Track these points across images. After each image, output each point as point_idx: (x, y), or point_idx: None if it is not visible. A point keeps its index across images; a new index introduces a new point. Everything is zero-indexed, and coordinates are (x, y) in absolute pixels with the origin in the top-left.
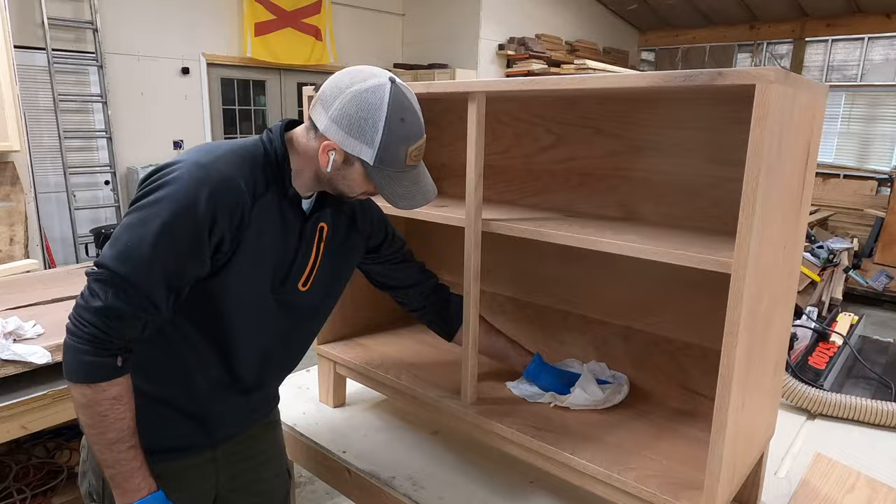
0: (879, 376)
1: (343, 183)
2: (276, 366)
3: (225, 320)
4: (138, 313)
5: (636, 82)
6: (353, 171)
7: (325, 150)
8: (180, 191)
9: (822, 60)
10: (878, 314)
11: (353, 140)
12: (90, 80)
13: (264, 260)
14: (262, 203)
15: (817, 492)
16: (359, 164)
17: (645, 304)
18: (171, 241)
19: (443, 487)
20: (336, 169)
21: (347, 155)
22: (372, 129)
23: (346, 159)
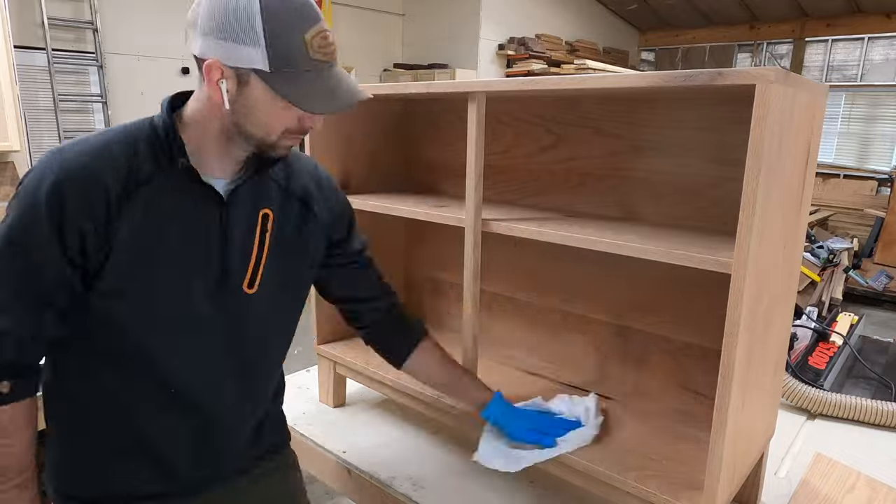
0: (879, 376)
1: (252, 120)
2: (234, 392)
3: (139, 336)
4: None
5: (636, 82)
6: (253, 92)
7: (211, 79)
8: (25, 189)
9: (822, 60)
10: (878, 314)
11: (233, 45)
12: (90, 80)
13: (170, 259)
14: (148, 191)
15: (817, 492)
16: (255, 79)
17: (645, 304)
18: (17, 249)
19: (443, 487)
20: (234, 101)
21: (238, 73)
22: (248, 21)
23: (240, 80)
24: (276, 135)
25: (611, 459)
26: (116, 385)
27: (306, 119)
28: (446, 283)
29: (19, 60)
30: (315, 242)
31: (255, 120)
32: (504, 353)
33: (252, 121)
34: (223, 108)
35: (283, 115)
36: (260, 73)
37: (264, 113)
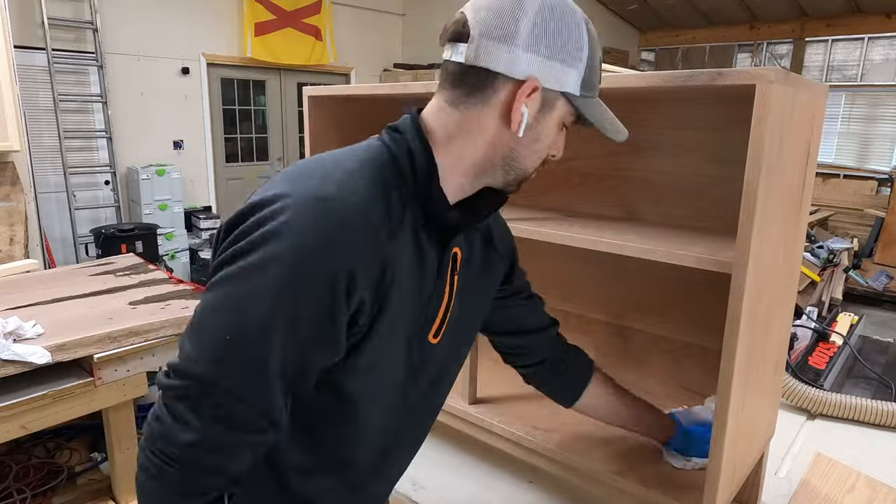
0: (879, 376)
1: (533, 149)
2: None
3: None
4: (247, 438)
5: (636, 82)
6: (550, 119)
7: (517, 100)
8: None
9: (822, 60)
10: (878, 314)
11: (559, 66)
12: (90, 80)
13: (402, 319)
14: (399, 238)
15: (817, 492)
16: (562, 103)
17: (645, 304)
18: (289, 325)
19: (443, 487)
20: (530, 127)
21: (545, 96)
22: (578, 41)
23: (544, 104)
24: (532, 169)
25: (611, 459)
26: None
27: (554, 150)
28: None
29: (19, 60)
30: (496, 278)
31: (537, 149)
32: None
33: (533, 149)
34: (504, 135)
35: (553, 142)
36: (569, 96)
37: (547, 142)
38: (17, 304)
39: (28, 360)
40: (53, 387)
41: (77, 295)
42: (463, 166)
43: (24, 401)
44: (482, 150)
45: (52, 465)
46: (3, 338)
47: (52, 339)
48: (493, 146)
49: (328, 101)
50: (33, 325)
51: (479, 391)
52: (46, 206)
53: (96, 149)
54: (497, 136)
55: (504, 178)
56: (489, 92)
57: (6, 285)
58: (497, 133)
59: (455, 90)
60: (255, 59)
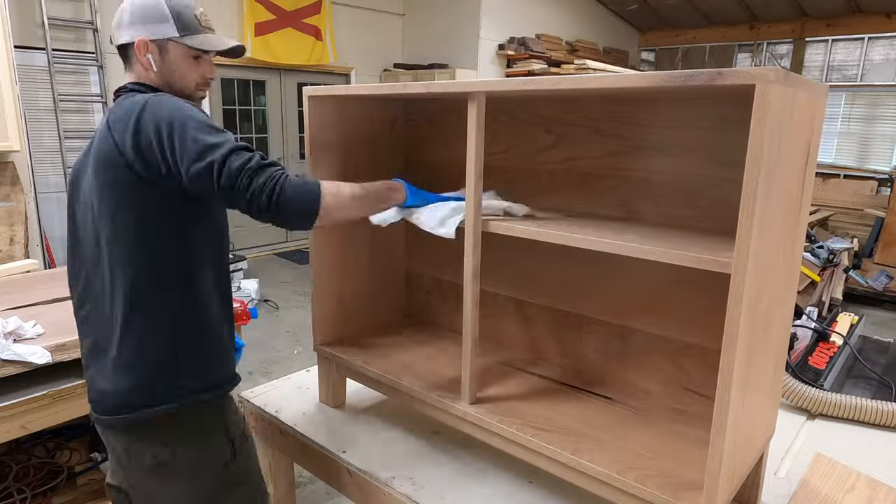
0: (879, 376)
1: (175, 77)
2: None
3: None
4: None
5: (636, 82)
6: (170, 55)
7: (140, 54)
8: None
9: (822, 60)
10: (878, 314)
11: (152, 25)
12: (90, 80)
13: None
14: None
15: (817, 492)
16: (172, 44)
17: (645, 304)
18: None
19: (443, 487)
20: (159, 65)
21: (158, 44)
22: (158, 9)
23: (160, 49)
24: (192, 86)
25: (611, 459)
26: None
27: (207, 72)
28: (446, 283)
29: (19, 60)
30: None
31: (178, 76)
32: (504, 353)
33: (175, 77)
34: (152, 72)
35: (194, 69)
36: (173, 39)
37: (181, 68)
38: (17, 304)
39: (28, 360)
40: (53, 387)
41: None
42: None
43: (24, 401)
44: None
45: (53, 464)
46: (4, 338)
47: (52, 339)
48: (157, 84)
49: (328, 101)
50: (33, 325)
51: (479, 391)
52: (46, 205)
53: None
54: (149, 77)
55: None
56: (130, 56)
57: (6, 285)
58: (148, 75)
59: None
60: (255, 59)
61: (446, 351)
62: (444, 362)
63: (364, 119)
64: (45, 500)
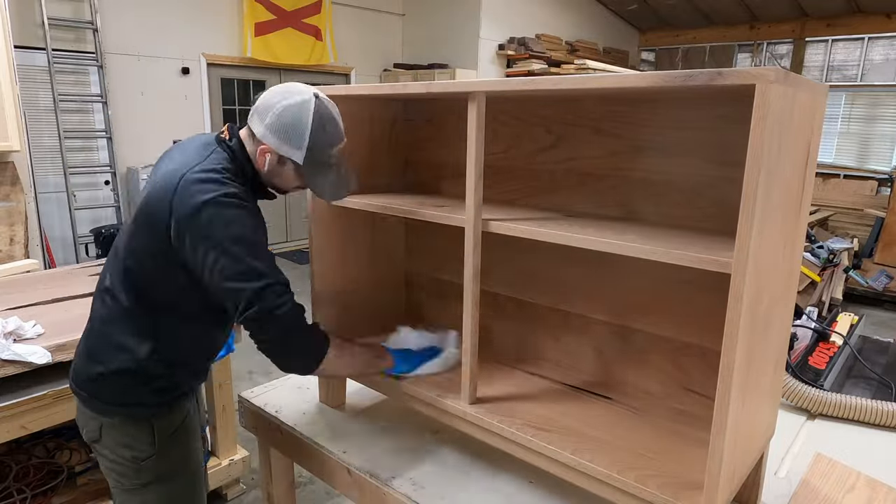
0: (879, 376)
1: (276, 181)
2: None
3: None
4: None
5: (636, 82)
6: (285, 170)
7: (261, 153)
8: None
9: (822, 60)
10: (878, 314)
11: (286, 144)
12: (90, 80)
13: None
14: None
15: (817, 492)
16: (290, 164)
17: (645, 304)
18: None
19: (443, 487)
20: (270, 169)
21: (281, 157)
22: (301, 133)
23: (280, 160)
24: (289, 188)
25: (611, 459)
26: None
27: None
28: (446, 283)
29: (19, 60)
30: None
31: (279, 182)
32: (504, 353)
33: (275, 182)
34: (262, 168)
35: (296, 182)
36: (295, 163)
37: (286, 179)
38: (17, 304)
39: (28, 360)
40: (53, 387)
41: (77, 295)
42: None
43: (25, 401)
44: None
45: (52, 464)
46: (4, 338)
47: (52, 339)
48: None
49: None
50: (33, 325)
51: (478, 391)
52: (46, 206)
53: (96, 149)
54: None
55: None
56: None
57: (6, 285)
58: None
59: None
60: (255, 59)
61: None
62: None
63: (364, 119)
64: (45, 499)
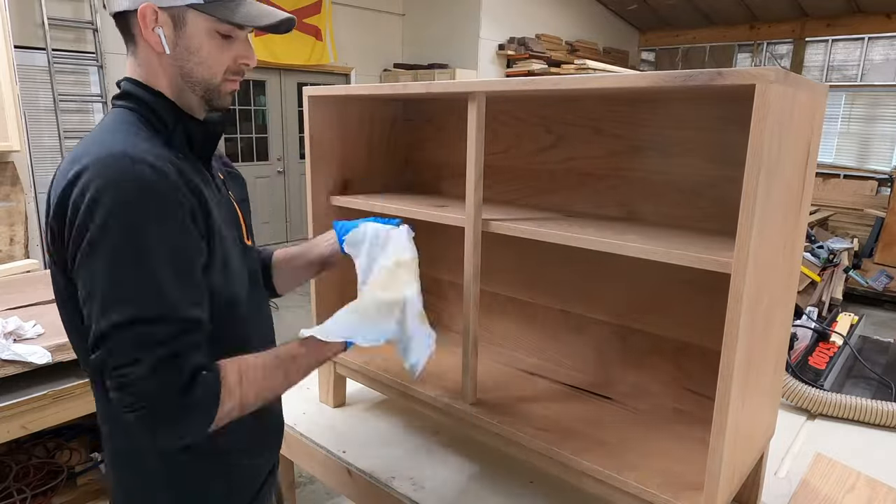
0: (879, 376)
1: (195, 60)
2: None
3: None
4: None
5: (636, 82)
6: (191, 30)
7: (146, 27)
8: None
9: (822, 60)
10: (878, 314)
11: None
12: (90, 80)
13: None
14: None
15: (817, 492)
16: (192, 14)
17: (644, 304)
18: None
19: (443, 488)
20: (174, 45)
21: (172, 14)
22: None
23: (175, 22)
24: (219, 76)
25: (611, 459)
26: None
27: (241, 57)
28: (446, 283)
29: (19, 60)
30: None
31: (199, 59)
32: (504, 353)
33: (195, 61)
34: (164, 56)
35: (222, 52)
36: (195, 6)
37: (205, 50)
38: (17, 304)
39: (28, 360)
40: (53, 387)
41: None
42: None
43: (25, 401)
44: (165, 80)
45: (53, 465)
46: (4, 338)
47: (53, 339)
48: (165, 73)
49: (328, 101)
50: (33, 325)
51: (478, 391)
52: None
53: None
54: (160, 64)
55: (198, 97)
56: (132, 30)
57: (6, 285)
58: (157, 61)
59: (127, 45)
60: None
61: (446, 351)
62: (445, 362)
63: (364, 119)
64: (46, 500)
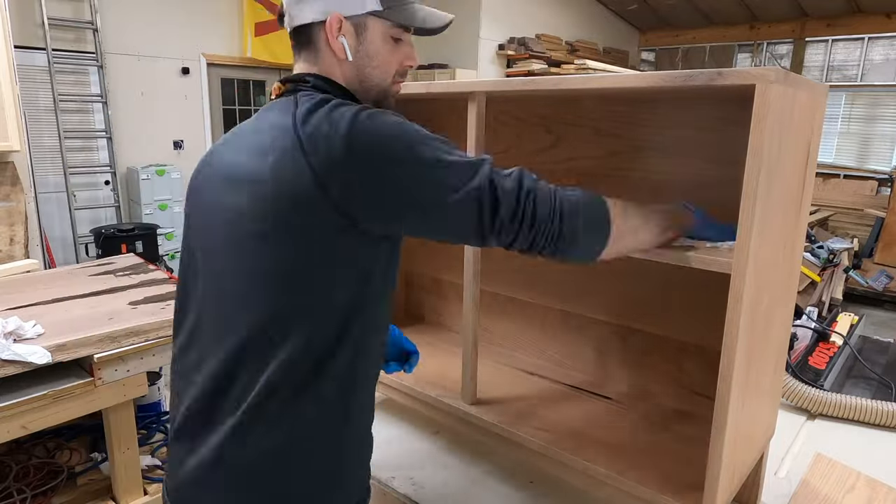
0: (879, 376)
1: (373, 64)
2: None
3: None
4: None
5: (636, 82)
6: (370, 36)
7: (332, 36)
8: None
9: (822, 60)
10: (878, 314)
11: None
12: (90, 80)
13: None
14: None
15: (817, 492)
16: (372, 21)
17: (645, 303)
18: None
19: (443, 487)
20: (356, 51)
21: (355, 23)
22: None
23: (357, 29)
24: (390, 78)
25: (611, 459)
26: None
27: (407, 58)
28: (446, 283)
29: (19, 60)
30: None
31: (376, 64)
32: (504, 353)
33: (373, 65)
34: (345, 63)
35: (393, 55)
36: (375, 13)
37: (382, 55)
38: (17, 304)
39: (28, 360)
40: (54, 387)
41: (77, 295)
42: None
43: (25, 401)
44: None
45: (53, 464)
46: (4, 338)
47: (53, 339)
48: (344, 78)
49: None
50: (33, 325)
51: (479, 391)
52: (46, 206)
53: (96, 149)
54: (340, 70)
55: (371, 99)
56: (314, 40)
57: (6, 285)
58: (339, 67)
59: (301, 53)
60: (255, 59)
61: (446, 351)
62: (444, 362)
63: None
64: (46, 500)
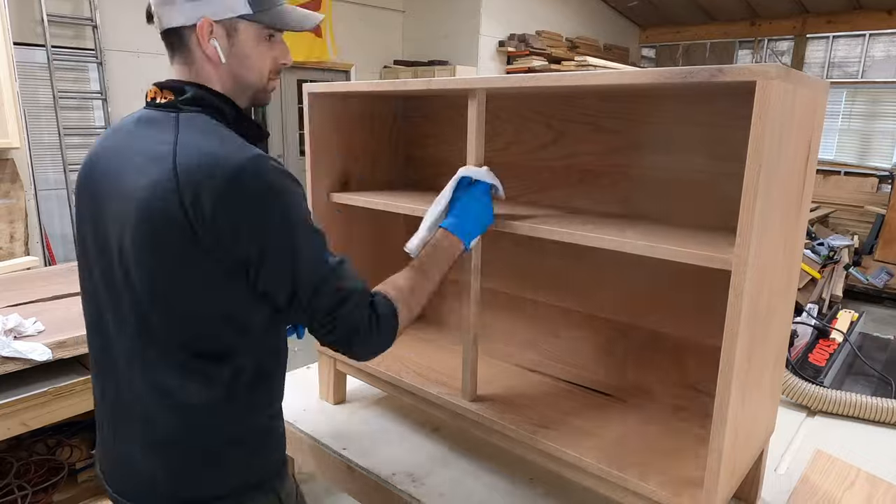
0: (879, 373)
1: (247, 65)
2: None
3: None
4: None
5: (637, 79)
6: (242, 38)
7: (204, 38)
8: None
9: (823, 57)
10: (878, 311)
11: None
12: (90, 77)
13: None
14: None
15: (817, 488)
16: (243, 24)
17: (645, 300)
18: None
19: (443, 484)
20: (229, 53)
21: (225, 26)
22: None
23: (228, 30)
24: (266, 77)
25: (611, 456)
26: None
27: (280, 57)
28: (447, 280)
29: (19, 57)
30: None
31: (250, 65)
32: (505, 350)
33: (247, 66)
34: (220, 66)
35: (267, 55)
36: (245, 17)
37: (255, 56)
38: (17, 301)
39: (29, 357)
40: (54, 384)
41: (77, 292)
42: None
43: (25, 398)
44: (219, 87)
45: (53, 461)
46: (4, 335)
47: (53, 336)
48: (220, 80)
49: (328, 97)
50: (34, 322)
51: (479, 388)
52: (46, 203)
53: None
54: (215, 72)
55: (247, 98)
56: (187, 43)
57: (7, 282)
58: (213, 70)
59: (175, 55)
60: None
61: (447, 348)
62: (445, 359)
63: (364, 116)
64: (46, 496)
